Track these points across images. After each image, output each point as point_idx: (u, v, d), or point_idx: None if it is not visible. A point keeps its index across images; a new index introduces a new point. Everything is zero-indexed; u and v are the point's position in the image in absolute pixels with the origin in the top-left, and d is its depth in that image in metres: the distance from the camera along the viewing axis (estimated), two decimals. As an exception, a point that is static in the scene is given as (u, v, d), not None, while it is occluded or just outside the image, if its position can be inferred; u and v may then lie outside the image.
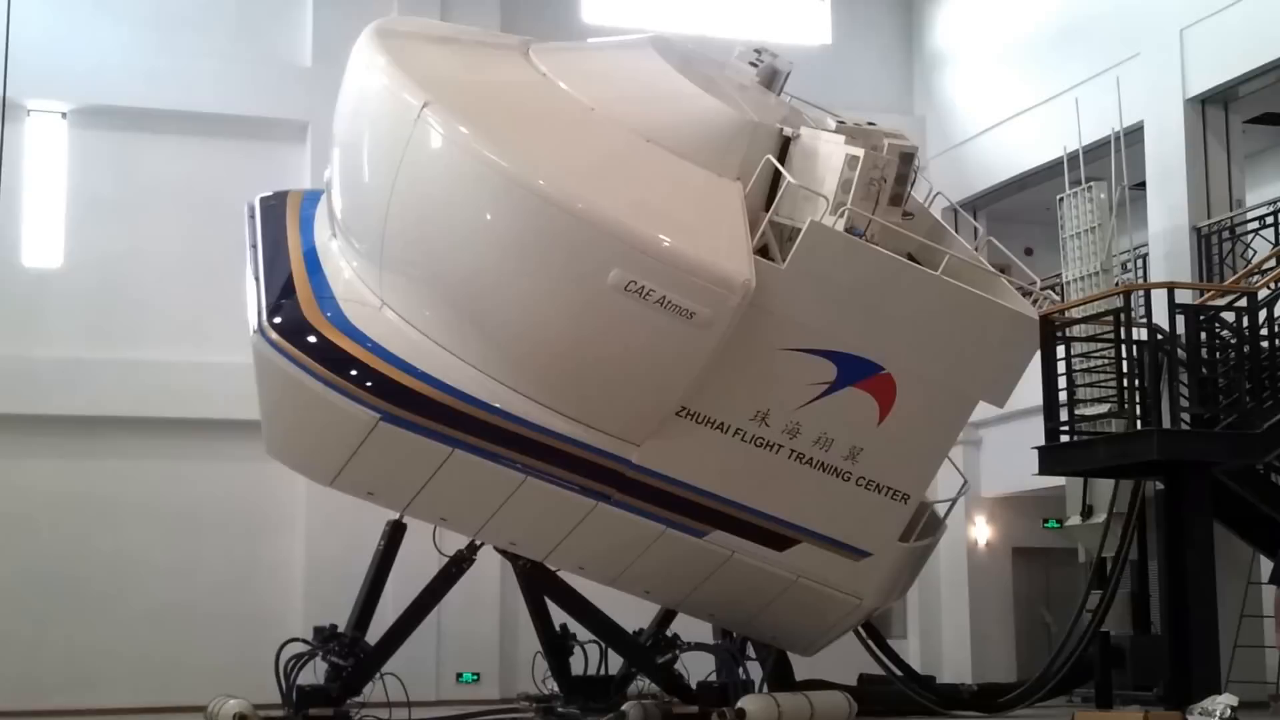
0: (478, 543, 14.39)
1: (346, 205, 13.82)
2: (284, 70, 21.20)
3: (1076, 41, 20.43)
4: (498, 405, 12.72)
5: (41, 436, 18.96)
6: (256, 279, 13.79)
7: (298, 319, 13.16)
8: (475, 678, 20.00)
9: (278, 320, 13.17)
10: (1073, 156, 18.50)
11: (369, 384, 12.70)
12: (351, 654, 14.09)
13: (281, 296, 13.47)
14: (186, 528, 20.09)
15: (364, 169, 13.56)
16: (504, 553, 14.71)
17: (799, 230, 12.68)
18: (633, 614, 15.67)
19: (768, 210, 12.90)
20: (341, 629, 14.31)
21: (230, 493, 20.34)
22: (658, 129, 13.17)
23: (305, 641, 14.35)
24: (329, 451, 13.12)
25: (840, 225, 12.69)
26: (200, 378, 20.10)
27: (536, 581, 14.92)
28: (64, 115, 20.57)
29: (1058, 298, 17.44)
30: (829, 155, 12.99)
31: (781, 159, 13.14)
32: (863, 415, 13.18)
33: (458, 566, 14.50)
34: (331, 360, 12.81)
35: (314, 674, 14.41)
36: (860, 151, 12.74)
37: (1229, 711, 13.31)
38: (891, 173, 12.98)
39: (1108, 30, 19.69)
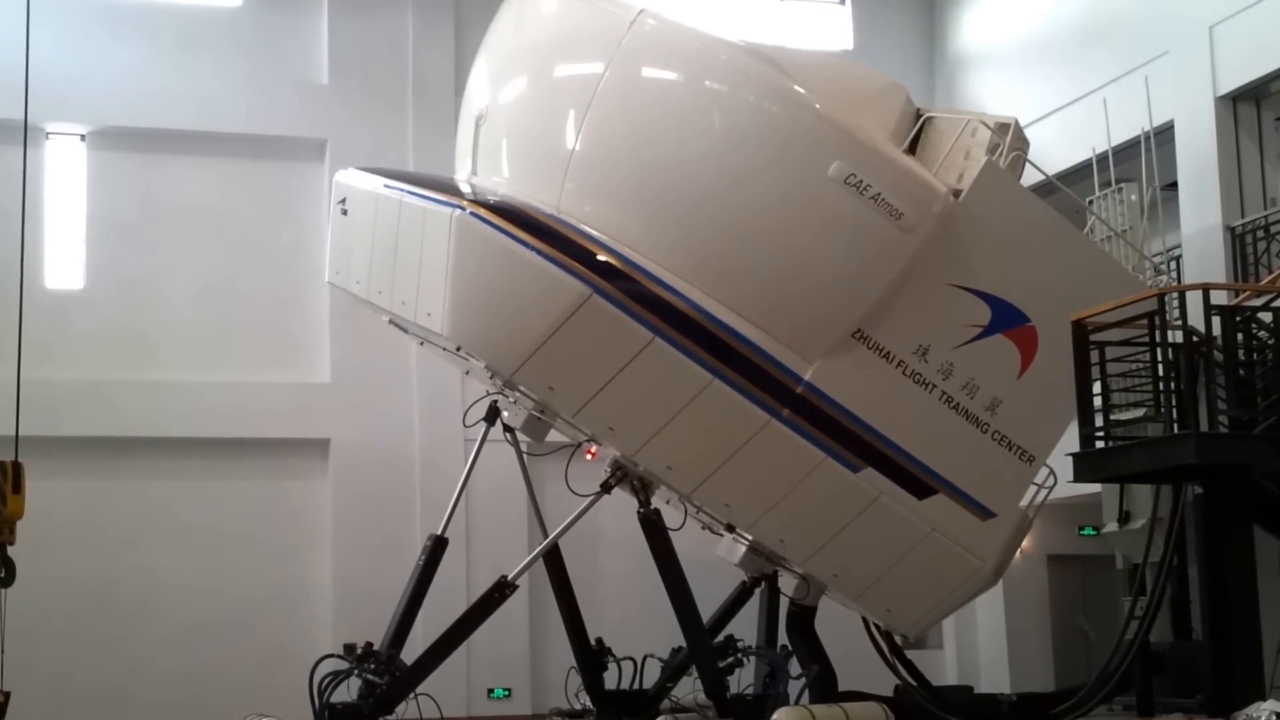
0: (612, 482, 14.35)
1: (518, 129, 14.05)
2: (301, 88, 21.15)
3: (1103, 40, 20.18)
4: (695, 299, 12.99)
5: (65, 458, 18.86)
6: (420, 195, 13.87)
7: (503, 202, 13.36)
8: (506, 693, 19.92)
9: (487, 199, 13.35)
10: (1102, 158, 18.31)
11: (582, 258, 12.92)
12: (387, 672, 13.96)
13: (470, 192, 13.70)
14: (213, 547, 20.01)
15: (549, 86, 13.88)
16: (634, 493, 14.58)
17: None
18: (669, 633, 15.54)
19: None
20: (375, 646, 14.19)
21: (256, 512, 20.30)
22: (824, 83, 13.65)
23: (341, 658, 14.24)
24: (529, 328, 13.06)
25: None
26: (223, 397, 20.10)
27: (649, 531, 14.64)
28: (83, 138, 20.54)
29: (1168, 275, 17.75)
30: (974, 129, 13.89)
31: (915, 139, 14.03)
32: (1006, 365, 13.83)
33: (500, 593, 14.37)
34: (546, 234, 13.03)
35: (346, 692, 14.30)
36: (1012, 120, 13.69)
37: (1273, 718, 13.09)
38: (1026, 149, 13.96)
39: (1135, 28, 19.46)
